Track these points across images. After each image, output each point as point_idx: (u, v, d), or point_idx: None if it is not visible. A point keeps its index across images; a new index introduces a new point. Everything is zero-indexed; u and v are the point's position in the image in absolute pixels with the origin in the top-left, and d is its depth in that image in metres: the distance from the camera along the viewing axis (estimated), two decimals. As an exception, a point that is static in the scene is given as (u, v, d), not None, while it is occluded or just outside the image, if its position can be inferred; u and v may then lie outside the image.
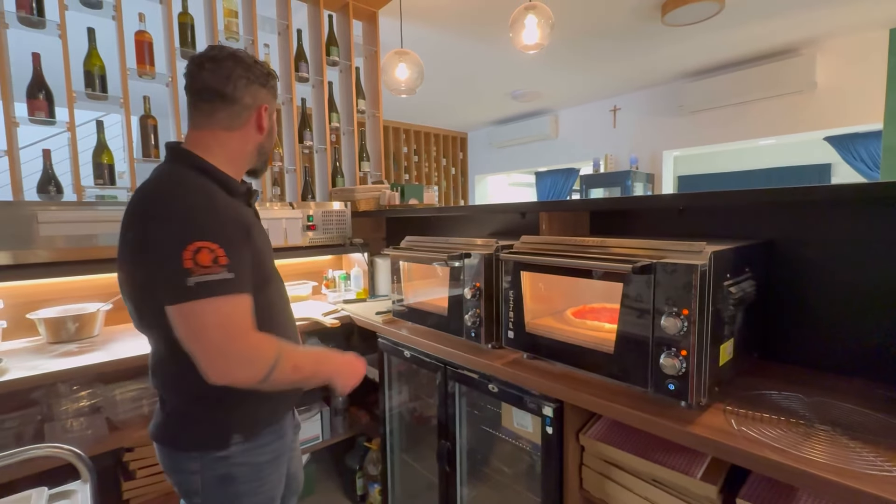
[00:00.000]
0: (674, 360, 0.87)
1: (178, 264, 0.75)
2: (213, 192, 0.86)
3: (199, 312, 0.76)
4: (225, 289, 0.78)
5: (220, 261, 0.78)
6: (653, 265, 0.90)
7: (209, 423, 0.91)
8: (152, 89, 2.14)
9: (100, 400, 1.57)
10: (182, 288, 0.75)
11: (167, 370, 0.91)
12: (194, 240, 0.77)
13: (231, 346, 0.79)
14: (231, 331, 0.79)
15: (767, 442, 0.79)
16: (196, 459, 0.90)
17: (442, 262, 1.41)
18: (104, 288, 1.83)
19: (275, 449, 1.00)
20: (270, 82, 1.00)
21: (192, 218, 0.79)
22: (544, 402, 1.12)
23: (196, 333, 0.78)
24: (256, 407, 0.94)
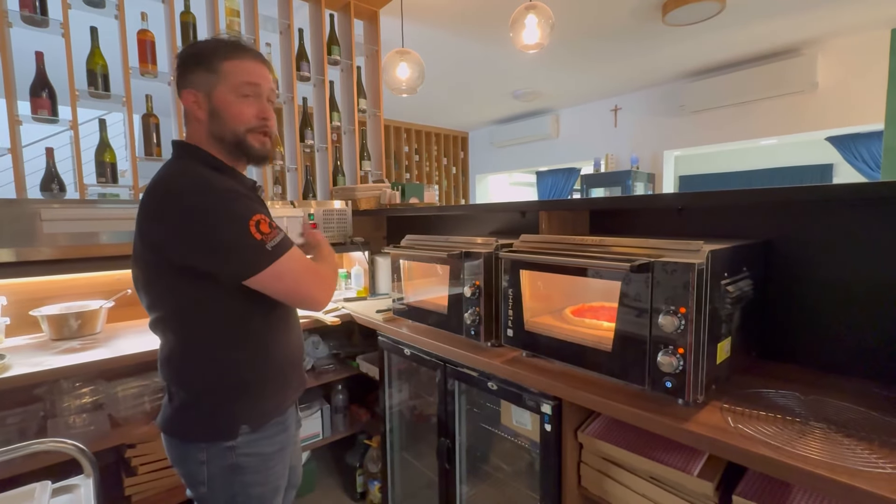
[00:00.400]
0: (671, 358, 0.87)
1: (251, 238, 0.85)
2: (229, 182, 0.92)
3: (288, 267, 0.89)
4: (288, 244, 0.91)
5: (272, 224, 0.89)
6: (650, 264, 0.90)
7: (217, 414, 0.94)
8: (154, 88, 2.15)
9: (102, 397, 1.58)
10: (264, 254, 0.86)
11: (177, 364, 0.95)
12: (250, 215, 0.86)
13: (318, 277, 0.95)
14: (311, 268, 0.94)
15: (763, 439, 0.79)
16: (203, 450, 0.93)
17: (442, 261, 1.42)
18: (106, 285, 1.84)
19: (280, 441, 1.03)
20: (203, 62, 0.93)
21: (234, 200, 0.87)
22: (543, 399, 1.13)
23: (293, 284, 0.91)
24: (263, 399, 0.98)
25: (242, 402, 0.95)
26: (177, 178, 0.89)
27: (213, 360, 0.93)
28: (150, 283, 0.93)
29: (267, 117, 0.99)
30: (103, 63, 1.89)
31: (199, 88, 0.94)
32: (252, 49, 0.99)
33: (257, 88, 0.96)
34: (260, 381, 0.98)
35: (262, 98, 0.98)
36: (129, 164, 1.96)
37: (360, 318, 1.85)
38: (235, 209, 0.86)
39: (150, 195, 0.89)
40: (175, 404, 0.95)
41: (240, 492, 0.96)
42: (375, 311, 1.84)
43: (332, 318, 1.84)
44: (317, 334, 2.04)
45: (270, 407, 1.00)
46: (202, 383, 0.94)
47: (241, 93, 0.94)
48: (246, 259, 0.86)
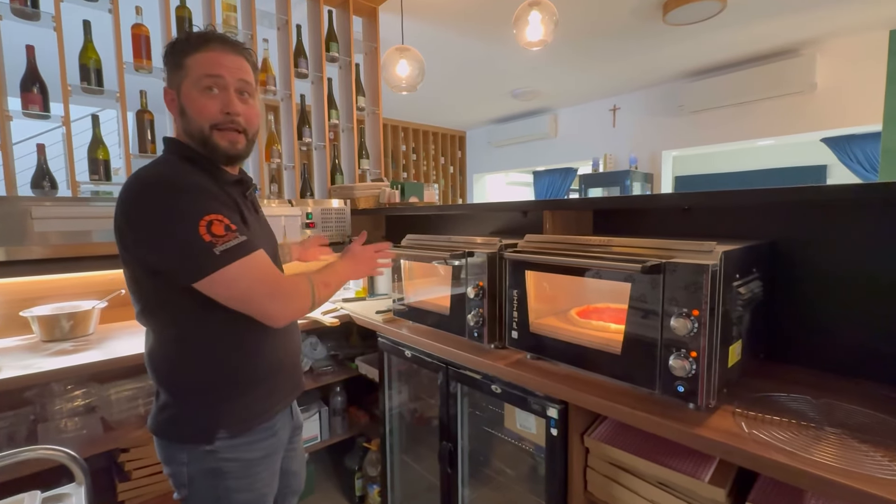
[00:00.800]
0: (683, 362, 0.85)
1: (198, 239, 0.78)
2: (195, 176, 0.87)
3: (237, 276, 0.81)
4: (246, 249, 0.83)
5: (231, 227, 0.82)
6: (662, 265, 0.88)
7: (195, 416, 0.91)
8: (149, 83, 2.11)
9: (94, 399, 1.54)
10: (211, 258, 0.79)
11: (159, 363, 0.93)
12: (203, 215, 0.80)
13: (276, 290, 0.85)
14: (268, 279, 0.85)
15: (778, 445, 0.77)
16: (184, 451, 0.91)
17: (444, 261, 1.39)
18: (99, 285, 1.80)
19: (266, 446, 0.98)
20: (172, 59, 0.91)
21: (189, 198, 0.82)
22: (549, 403, 1.11)
23: (243, 294, 0.83)
24: (245, 403, 0.94)
25: (220, 405, 0.91)
26: (146, 171, 0.86)
27: (188, 359, 0.90)
28: (127, 278, 0.91)
29: (233, 111, 0.90)
30: (96, 58, 1.85)
31: (171, 86, 0.92)
32: (221, 37, 0.92)
33: (219, 80, 0.89)
34: (241, 385, 0.93)
35: (227, 91, 0.90)
36: (123, 161, 1.91)
37: (360, 319, 1.82)
38: (187, 207, 0.80)
39: (123, 188, 0.86)
40: (159, 403, 0.93)
41: (223, 496, 0.93)
42: (375, 312, 1.81)
43: (330, 318, 1.81)
44: (314, 335, 2.01)
45: (253, 412, 0.95)
46: (179, 383, 0.91)
47: (202, 86, 0.89)
48: (192, 262, 0.80)
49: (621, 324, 1.10)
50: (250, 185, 1.03)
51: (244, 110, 0.93)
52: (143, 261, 0.85)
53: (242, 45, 0.96)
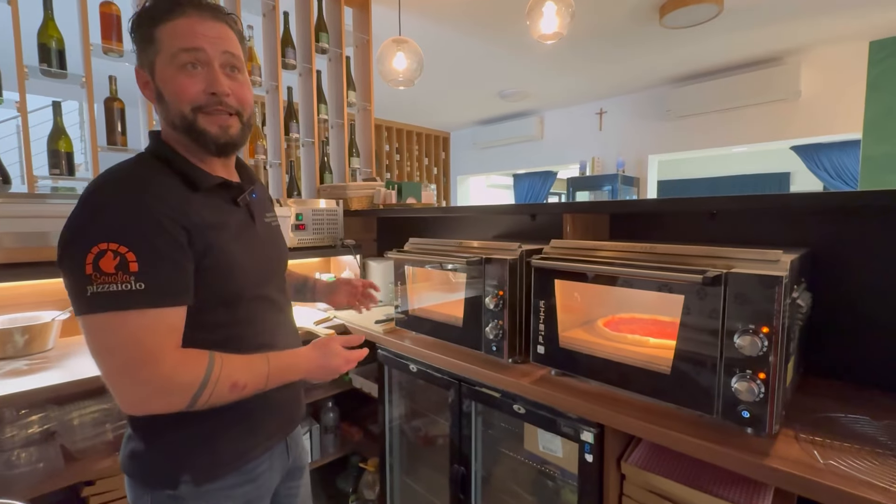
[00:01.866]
0: (750, 384, 0.76)
1: (81, 271, 0.62)
2: (145, 185, 0.69)
3: (98, 328, 0.63)
4: (131, 302, 0.63)
5: (129, 267, 0.63)
6: (725, 276, 0.79)
7: (156, 457, 0.76)
8: (119, 69, 1.90)
9: (54, 425, 1.34)
10: (82, 298, 0.62)
11: None
12: (98, 241, 0.62)
13: (138, 371, 0.64)
14: (137, 353, 0.64)
15: (862, 477, 0.69)
16: (148, 495, 0.76)
17: (459, 268, 1.28)
18: (59, 294, 1.58)
19: (244, 493, 0.81)
20: (140, 33, 0.74)
21: (100, 216, 0.64)
22: (583, 426, 1.01)
23: (97, 353, 0.65)
24: (214, 446, 0.77)
25: (183, 446, 0.76)
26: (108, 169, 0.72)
27: None
28: None
29: (220, 90, 0.74)
30: (59, 37, 1.64)
31: (143, 65, 0.76)
32: (195, 2, 0.75)
33: (199, 54, 0.73)
34: (217, 426, 0.77)
35: (211, 66, 0.74)
36: (89, 154, 1.71)
37: (357, 330, 1.67)
38: (90, 228, 0.63)
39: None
40: (126, 435, 0.80)
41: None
42: (374, 322, 1.67)
43: (324, 329, 1.66)
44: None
45: (223, 459, 0.78)
46: (142, 419, 0.74)
47: (179, 63, 0.73)
48: (70, 294, 0.65)
49: (658, 337, 1.03)
50: (243, 189, 0.84)
51: (234, 87, 0.77)
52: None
53: (223, 10, 0.79)
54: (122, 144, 1.80)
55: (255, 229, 0.85)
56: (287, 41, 2.28)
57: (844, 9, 2.86)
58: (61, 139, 1.66)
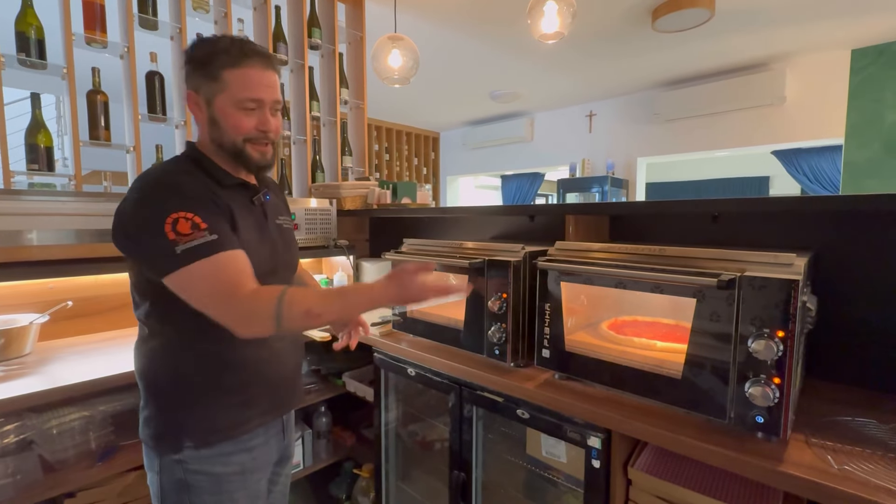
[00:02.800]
0: (765, 389, 0.75)
1: (164, 237, 0.76)
2: (189, 178, 0.86)
3: (193, 277, 0.77)
4: (210, 249, 0.78)
5: (199, 225, 0.78)
6: (739, 279, 0.78)
7: (163, 421, 0.87)
8: (103, 60, 1.83)
9: (31, 434, 1.27)
10: (172, 258, 0.76)
11: (137, 361, 0.91)
12: (171, 212, 0.78)
13: (228, 303, 0.77)
14: (223, 288, 0.77)
15: (879, 483, 0.69)
16: (156, 458, 0.88)
17: (461, 270, 1.25)
18: (38, 295, 1.51)
19: (239, 462, 0.91)
20: (206, 64, 0.87)
21: (166, 194, 0.81)
22: (590, 431, 0.99)
23: (199, 298, 0.78)
24: (213, 414, 0.88)
25: (186, 412, 0.87)
26: (148, 169, 0.89)
27: (160, 358, 0.88)
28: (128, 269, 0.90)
29: (267, 129, 0.92)
30: (38, 25, 1.56)
31: (199, 92, 0.89)
32: (258, 52, 0.90)
33: (260, 103, 0.90)
34: (213, 393, 0.88)
35: (263, 109, 0.91)
36: (71, 149, 1.63)
37: (353, 333, 1.63)
38: (158, 204, 0.79)
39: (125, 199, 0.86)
40: (140, 406, 0.91)
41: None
42: (370, 325, 1.63)
43: (319, 331, 1.61)
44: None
45: (222, 424, 0.89)
46: (150, 385, 0.89)
47: (242, 106, 0.88)
48: (154, 259, 0.79)
49: (664, 340, 1.02)
50: (258, 190, 0.98)
51: (276, 124, 0.94)
52: (130, 254, 0.85)
53: (275, 59, 1.01)
54: (105, 139, 1.72)
55: (267, 228, 0.98)
56: (279, 36, 2.22)
57: (828, 17, 2.93)
58: (40, 133, 1.58)
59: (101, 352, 1.43)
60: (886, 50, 3.33)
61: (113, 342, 1.53)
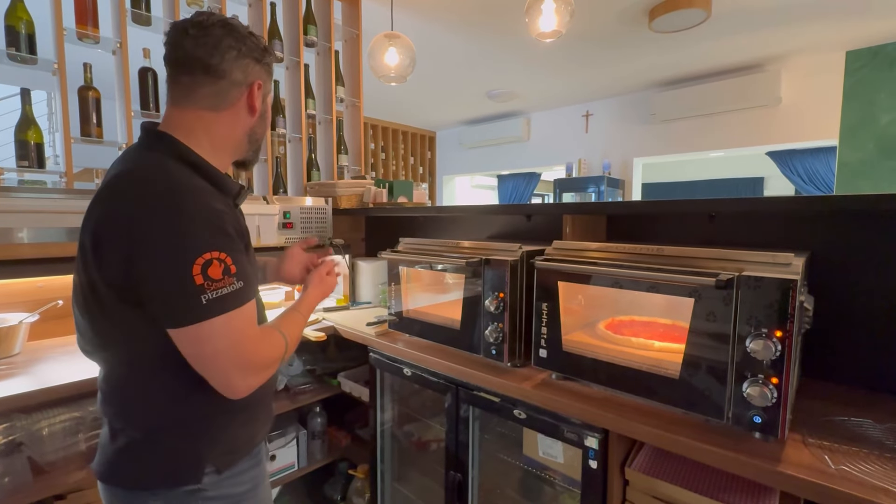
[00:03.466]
0: (763, 389, 0.75)
1: (190, 282, 0.66)
2: (210, 194, 0.74)
3: (213, 332, 0.68)
4: (238, 301, 0.71)
5: (230, 270, 0.69)
6: (738, 279, 0.78)
7: (177, 453, 0.77)
8: (95, 56, 1.80)
9: (20, 435, 1.25)
10: (196, 307, 0.66)
11: (126, 395, 0.77)
12: (203, 251, 0.67)
13: (245, 359, 0.72)
14: (244, 344, 0.72)
15: (877, 483, 0.69)
16: (159, 497, 0.76)
17: (458, 269, 1.24)
18: (27, 294, 1.49)
19: (253, 477, 0.88)
20: (266, 58, 0.85)
21: (196, 226, 0.68)
22: (587, 431, 0.98)
23: (212, 353, 0.69)
24: (233, 434, 0.82)
25: (206, 438, 0.79)
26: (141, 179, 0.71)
27: (165, 395, 0.76)
28: (93, 296, 0.72)
29: None
30: (28, 19, 1.54)
31: (265, 84, 0.86)
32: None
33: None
34: (231, 415, 0.82)
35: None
36: (62, 145, 1.61)
37: (348, 333, 1.62)
38: (191, 238, 0.67)
39: (105, 192, 0.72)
40: (119, 444, 0.77)
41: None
42: (366, 324, 1.62)
43: (315, 332, 1.60)
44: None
45: (240, 443, 0.84)
46: (156, 418, 0.76)
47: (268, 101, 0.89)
48: (170, 305, 0.67)
49: (662, 340, 1.01)
50: (245, 192, 0.88)
51: None
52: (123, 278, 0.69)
53: None
54: (97, 136, 1.70)
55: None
56: (274, 33, 2.20)
57: (823, 19, 2.94)
58: (30, 129, 1.56)
59: (93, 351, 1.41)
60: (880, 52, 3.35)
61: (104, 342, 1.51)
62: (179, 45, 0.77)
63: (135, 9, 1.76)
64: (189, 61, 0.77)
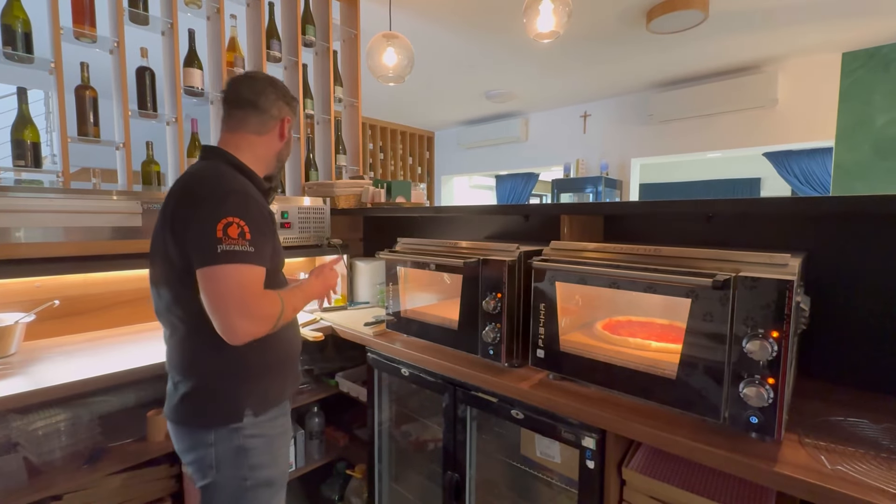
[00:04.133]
0: (759, 389, 0.75)
1: (213, 234, 0.88)
2: (245, 183, 1.00)
3: (222, 275, 0.87)
4: (245, 258, 0.90)
5: (245, 235, 0.90)
6: (735, 280, 0.78)
7: (224, 398, 0.99)
8: (92, 55, 1.79)
9: (16, 435, 1.25)
10: (212, 253, 0.87)
11: (189, 351, 0.99)
12: (227, 215, 0.90)
13: (244, 305, 0.88)
14: (245, 293, 0.89)
15: (872, 483, 0.69)
16: (211, 433, 0.98)
17: (455, 269, 1.24)
18: (24, 294, 1.48)
19: (282, 424, 1.10)
20: (292, 102, 1.16)
21: (227, 199, 0.92)
22: (584, 432, 0.98)
23: (218, 295, 0.88)
24: (267, 385, 1.04)
25: (247, 386, 1.01)
26: (199, 175, 0.98)
27: (218, 349, 0.95)
28: (170, 266, 0.96)
29: None
30: (25, 18, 1.53)
31: (291, 119, 1.15)
32: None
33: None
34: (263, 370, 1.03)
35: None
36: (56, 145, 1.60)
37: (346, 333, 1.62)
38: (221, 206, 0.91)
39: (175, 190, 0.98)
40: (182, 392, 0.99)
41: (249, 476, 1.01)
42: (363, 324, 1.62)
43: (313, 332, 1.60)
44: (290, 349, 1.78)
45: (272, 395, 1.05)
46: (211, 370, 0.99)
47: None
48: (197, 251, 0.89)
49: (657, 340, 1.01)
50: (273, 192, 1.16)
51: None
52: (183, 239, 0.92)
53: None
54: (94, 135, 1.69)
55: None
56: (272, 33, 2.20)
57: (820, 21, 2.95)
58: (27, 128, 1.55)
59: (89, 352, 1.40)
60: (876, 53, 3.36)
61: (100, 342, 1.51)
62: (236, 90, 1.07)
63: (132, 8, 1.75)
64: (242, 100, 1.06)
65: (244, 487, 1.01)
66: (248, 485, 1.01)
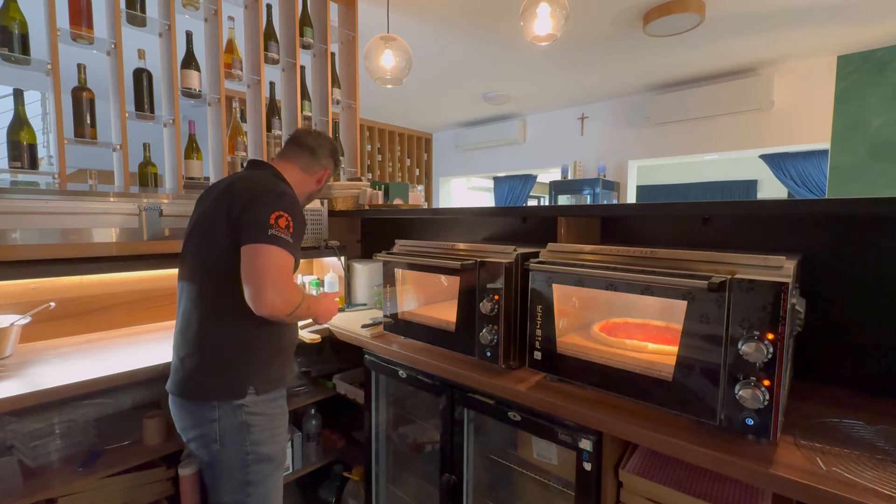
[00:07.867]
0: (755, 391, 0.76)
1: (266, 220, 1.04)
2: (292, 192, 1.18)
3: (267, 253, 1.02)
4: (286, 246, 1.06)
5: (290, 227, 1.07)
6: (730, 282, 0.78)
7: (229, 375, 1.09)
8: (89, 57, 1.79)
9: (11, 438, 1.24)
10: (263, 234, 1.03)
11: (199, 329, 1.10)
12: (279, 209, 1.07)
13: (279, 282, 1.02)
14: (282, 272, 1.04)
15: (867, 485, 0.69)
16: (215, 408, 1.08)
17: (453, 271, 1.24)
18: (19, 296, 1.48)
19: (281, 406, 1.20)
20: (339, 162, 1.40)
21: (281, 198, 1.10)
22: (581, 434, 0.99)
23: (258, 269, 1.01)
24: (268, 367, 1.15)
25: (250, 365, 1.11)
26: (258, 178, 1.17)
27: (237, 330, 1.09)
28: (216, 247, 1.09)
29: None
30: (21, 20, 1.53)
31: (331, 173, 1.39)
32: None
33: None
34: (270, 353, 1.15)
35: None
36: (52, 147, 1.59)
37: (343, 334, 1.62)
38: (277, 202, 1.08)
39: (233, 185, 1.13)
40: (188, 367, 1.09)
41: (251, 450, 1.10)
42: (360, 326, 1.62)
43: (310, 334, 1.59)
44: (287, 351, 1.78)
45: (273, 377, 1.16)
46: (217, 347, 1.09)
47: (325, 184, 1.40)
48: (248, 231, 1.04)
49: (655, 342, 1.02)
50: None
51: None
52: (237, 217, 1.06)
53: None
54: (91, 137, 1.69)
55: None
56: (270, 34, 2.20)
57: (815, 25, 2.97)
58: (23, 130, 1.54)
59: (84, 354, 1.40)
60: (871, 57, 3.39)
61: (96, 344, 1.50)
62: (303, 136, 1.31)
63: (129, 10, 1.75)
64: (304, 143, 1.29)
65: (247, 461, 1.10)
66: (251, 459, 1.10)
